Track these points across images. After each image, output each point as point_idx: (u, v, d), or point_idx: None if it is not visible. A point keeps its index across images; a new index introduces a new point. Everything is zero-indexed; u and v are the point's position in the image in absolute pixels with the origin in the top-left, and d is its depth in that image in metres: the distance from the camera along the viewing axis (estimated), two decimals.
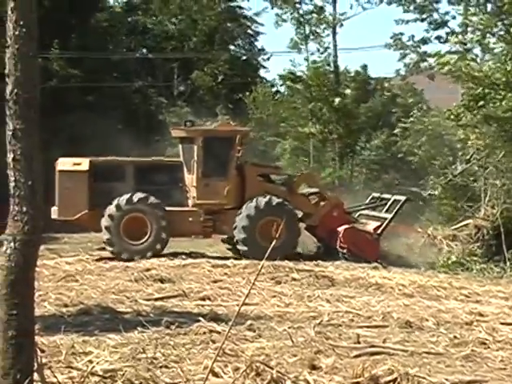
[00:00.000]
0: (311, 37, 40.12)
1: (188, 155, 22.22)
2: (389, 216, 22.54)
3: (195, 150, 22.00)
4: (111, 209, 21.27)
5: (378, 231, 22.27)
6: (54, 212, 21.75)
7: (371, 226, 22.59)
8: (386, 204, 23.31)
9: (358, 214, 23.87)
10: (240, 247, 21.60)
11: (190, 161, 22.06)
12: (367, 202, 24.48)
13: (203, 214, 22.02)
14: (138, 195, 21.35)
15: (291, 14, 40.69)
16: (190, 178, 22.18)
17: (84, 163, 21.81)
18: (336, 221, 22.33)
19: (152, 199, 21.35)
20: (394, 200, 23.29)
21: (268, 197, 21.75)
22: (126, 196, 21.32)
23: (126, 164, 22.39)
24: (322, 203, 22.83)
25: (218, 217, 22.14)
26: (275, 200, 21.71)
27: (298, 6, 40.53)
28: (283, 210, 21.23)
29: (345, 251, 21.75)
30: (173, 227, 21.46)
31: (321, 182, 23.52)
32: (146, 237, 21.26)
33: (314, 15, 39.89)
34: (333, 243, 22.08)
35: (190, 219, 21.86)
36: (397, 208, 22.62)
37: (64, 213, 21.55)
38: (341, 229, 22.06)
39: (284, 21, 41.06)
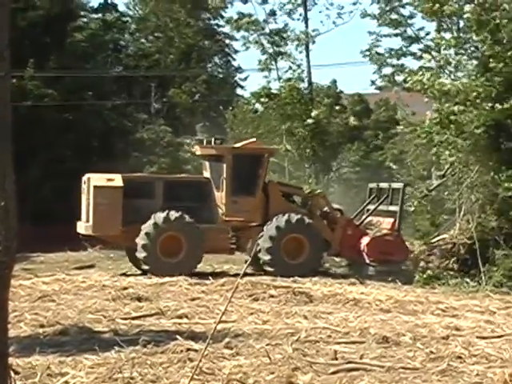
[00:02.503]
0: (279, 57, 40.08)
1: (216, 172, 22.41)
2: (397, 208, 22.74)
3: (224, 168, 22.19)
4: (148, 227, 21.27)
5: (395, 227, 22.48)
6: (82, 227, 21.92)
7: (385, 224, 22.75)
8: (387, 196, 23.37)
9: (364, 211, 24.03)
10: (267, 268, 21.73)
11: (219, 178, 22.25)
12: (369, 197, 24.45)
13: (231, 230, 22.24)
14: (174, 214, 21.33)
15: (257, 36, 40.67)
16: (218, 195, 22.36)
17: (117, 179, 21.83)
18: (353, 238, 22.59)
19: (187, 218, 21.39)
20: (393, 189, 23.50)
21: (299, 215, 22.04)
22: (163, 214, 21.32)
23: (155, 180, 22.63)
24: (332, 226, 22.86)
25: (241, 233, 22.38)
26: (306, 219, 22.01)
27: (263, 25, 40.47)
28: (308, 228, 21.87)
29: (376, 263, 21.89)
30: (203, 244, 21.59)
31: (330, 202, 23.88)
32: (181, 255, 21.28)
33: (276, 37, 39.88)
34: (362, 260, 22.26)
35: (220, 236, 21.98)
36: (401, 197, 22.81)
37: (99, 229, 21.58)
38: (363, 245, 22.21)
39: (251, 42, 41.18)
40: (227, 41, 48.50)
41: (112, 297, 16.60)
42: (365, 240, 22.33)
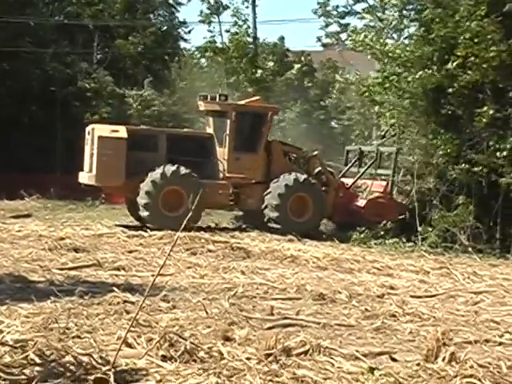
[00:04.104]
0: (222, 10, 39.76)
1: (220, 129, 22.46)
2: (385, 171, 23.25)
3: (228, 124, 22.23)
4: (155, 175, 21.24)
5: (388, 190, 22.85)
6: (85, 177, 21.82)
7: (377, 187, 23.09)
8: (376, 159, 23.68)
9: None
10: (271, 216, 21.90)
11: (222, 134, 22.29)
12: (346, 159, 24.78)
13: (232, 187, 22.29)
14: (183, 169, 21.35)
15: None
16: (221, 151, 22.42)
17: (121, 131, 21.73)
18: (345, 200, 22.90)
19: (194, 176, 21.39)
20: (381, 153, 23.79)
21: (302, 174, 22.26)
22: (172, 168, 21.31)
23: (159, 134, 22.61)
24: (325, 188, 23.01)
25: (242, 190, 22.44)
26: (309, 178, 22.26)
27: None
28: (314, 188, 22.18)
29: (368, 224, 22.06)
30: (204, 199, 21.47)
31: (324, 163, 24.13)
32: (181, 211, 20.99)
33: None
34: (354, 219, 22.37)
35: (220, 192, 21.96)
36: (394, 161, 23.21)
37: (102, 180, 21.49)
38: (360, 206, 22.48)
39: None
40: None
41: (49, 247, 16.43)
42: (361, 202, 22.57)
